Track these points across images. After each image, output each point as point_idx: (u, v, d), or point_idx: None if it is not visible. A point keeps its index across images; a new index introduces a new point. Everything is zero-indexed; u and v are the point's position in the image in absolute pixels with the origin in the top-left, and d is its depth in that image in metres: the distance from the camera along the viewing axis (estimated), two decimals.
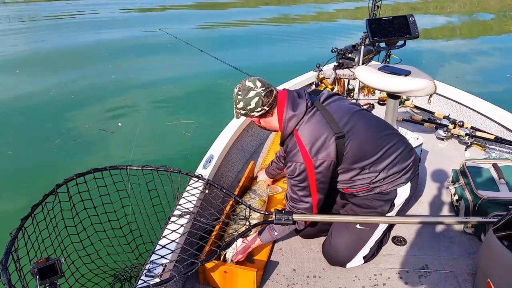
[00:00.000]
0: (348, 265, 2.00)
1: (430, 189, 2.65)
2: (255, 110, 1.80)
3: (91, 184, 1.78)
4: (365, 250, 1.98)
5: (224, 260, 1.92)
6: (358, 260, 2.00)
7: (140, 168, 1.87)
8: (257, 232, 1.98)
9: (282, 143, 1.90)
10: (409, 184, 1.93)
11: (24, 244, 1.44)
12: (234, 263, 1.92)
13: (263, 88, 1.78)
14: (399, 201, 1.94)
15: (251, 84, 1.79)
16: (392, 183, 1.89)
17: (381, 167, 1.84)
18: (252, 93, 1.77)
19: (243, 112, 1.83)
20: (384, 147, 1.84)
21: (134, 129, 4.73)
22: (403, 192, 1.93)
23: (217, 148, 2.57)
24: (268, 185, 2.54)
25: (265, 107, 1.79)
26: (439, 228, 2.26)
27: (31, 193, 3.41)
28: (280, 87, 3.27)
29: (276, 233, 1.93)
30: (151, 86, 6.09)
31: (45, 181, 3.63)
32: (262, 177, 2.56)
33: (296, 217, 1.83)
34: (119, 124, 4.82)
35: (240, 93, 1.80)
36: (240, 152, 3.00)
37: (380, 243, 2.08)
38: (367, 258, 2.02)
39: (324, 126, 1.76)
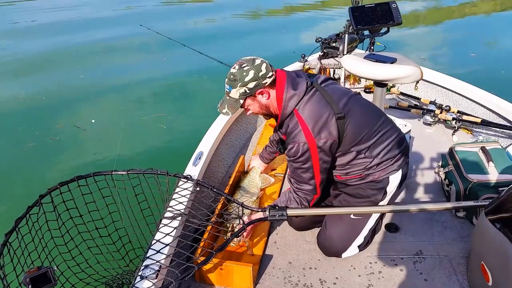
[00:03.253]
0: (343, 255, 1.99)
1: (420, 175, 2.65)
2: (267, 76, 1.71)
3: (76, 192, 1.72)
4: (359, 240, 1.98)
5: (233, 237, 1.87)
6: (353, 249, 1.99)
7: (125, 173, 1.82)
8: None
9: (280, 125, 1.84)
10: (400, 171, 1.92)
11: (10, 260, 1.39)
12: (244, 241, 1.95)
13: (263, 59, 1.75)
14: (391, 188, 1.93)
15: (250, 57, 1.75)
16: (385, 171, 1.88)
17: (376, 152, 1.83)
18: (258, 61, 1.72)
19: (252, 85, 1.71)
20: (380, 132, 1.84)
21: (107, 125, 4.72)
22: (395, 179, 1.92)
23: (206, 145, 2.53)
24: (261, 172, 2.50)
25: (274, 73, 1.74)
26: (431, 213, 2.27)
27: (10, 201, 3.31)
28: None
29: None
30: (122, 83, 6.02)
31: (22, 187, 3.55)
32: (257, 162, 2.50)
33: (290, 212, 1.81)
34: (93, 121, 4.81)
35: (245, 65, 1.71)
36: (230, 147, 2.96)
37: (373, 231, 2.08)
38: (361, 247, 2.02)
39: (325, 106, 1.73)
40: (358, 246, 2.00)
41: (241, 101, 1.77)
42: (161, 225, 1.75)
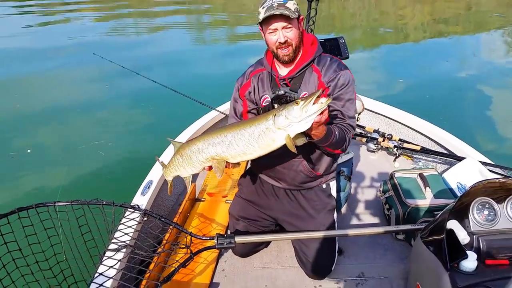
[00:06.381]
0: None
1: (363, 200, 2.77)
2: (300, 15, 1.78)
3: (16, 225, 1.66)
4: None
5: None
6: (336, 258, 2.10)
7: (69, 203, 1.79)
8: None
9: (311, 61, 1.83)
10: (335, 181, 2.16)
11: None
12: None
13: None
14: (334, 193, 2.12)
15: None
16: (326, 177, 2.07)
17: None
18: None
19: (298, 7, 1.73)
20: None
21: (44, 154, 4.58)
22: (333, 186, 2.14)
23: (157, 173, 2.51)
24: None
25: None
26: (373, 236, 2.37)
27: None
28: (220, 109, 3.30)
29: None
30: (61, 111, 5.86)
31: None
32: None
33: (238, 239, 1.85)
34: (28, 151, 4.64)
35: None
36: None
37: None
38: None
39: None
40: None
41: (296, 15, 1.71)
42: (104, 258, 1.71)
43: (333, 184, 2.13)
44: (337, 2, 17.04)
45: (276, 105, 1.81)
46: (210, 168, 1.66)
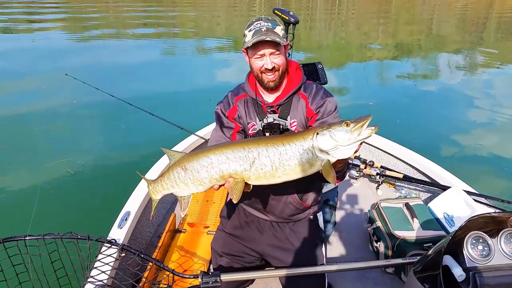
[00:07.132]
0: None
1: (350, 230, 2.70)
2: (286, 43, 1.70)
3: None
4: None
5: None
6: None
7: (41, 238, 1.64)
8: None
9: (298, 88, 1.79)
10: (321, 212, 2.07)
11: None
12: None
13: None
14: (320, 224, 2.04)
15: None
16: (313, 208, 1.98)
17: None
18: None
19: (282, 33, 1.66)
20: None
21: (10, 175, 4.31)
22: (320, 217, 2.04)
23: (134, 203, 2.36)
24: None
25: None
26: (363, 270, 2.29)
27: None
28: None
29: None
30: (26, 129, 5.62)
31: None
32: None
33: (224, 277, 1.73)
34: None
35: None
36: (159, 203, 2.80)
37: None
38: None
39: None
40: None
41: (285, 42, 1.65)
42: None
43: (319, 215, 2.05)
44: (303, 30, 17.28)
45: (267, 134, 1.74)
46: (220, 187, 1.47)
